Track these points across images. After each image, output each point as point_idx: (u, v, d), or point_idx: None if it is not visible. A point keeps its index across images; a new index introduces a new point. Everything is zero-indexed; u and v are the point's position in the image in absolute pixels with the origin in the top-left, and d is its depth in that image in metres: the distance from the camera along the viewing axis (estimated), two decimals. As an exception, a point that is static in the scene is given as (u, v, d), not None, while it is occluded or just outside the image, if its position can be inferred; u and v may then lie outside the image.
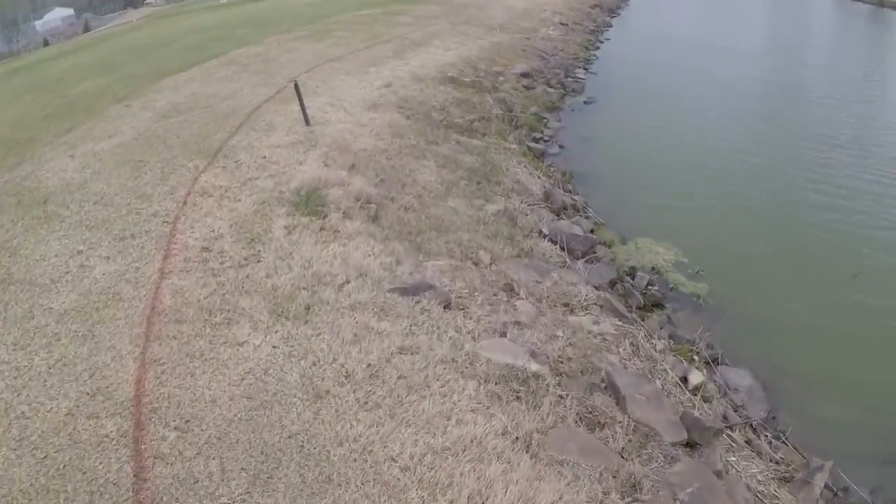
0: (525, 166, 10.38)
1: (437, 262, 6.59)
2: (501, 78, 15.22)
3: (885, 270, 9.04)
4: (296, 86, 9.41)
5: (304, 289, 5.62)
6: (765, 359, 6.98)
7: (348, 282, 5.82)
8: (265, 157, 8.33)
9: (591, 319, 6.35)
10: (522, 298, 6.33)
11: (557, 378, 5.11)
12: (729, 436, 5.49)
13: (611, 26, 27.00)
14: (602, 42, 23.34)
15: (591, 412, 4.87)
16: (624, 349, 6.06)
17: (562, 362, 5.44)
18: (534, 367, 5.03)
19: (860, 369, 7.03)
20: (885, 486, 5.49)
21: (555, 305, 6.49)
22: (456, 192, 8.40)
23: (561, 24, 23.48)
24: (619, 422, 4.86)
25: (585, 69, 18.82)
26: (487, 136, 11.28)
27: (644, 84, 17.93)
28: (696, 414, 5.46)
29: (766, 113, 16.73)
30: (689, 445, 5.02)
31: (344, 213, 7.13)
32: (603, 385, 5.26)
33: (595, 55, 20.92)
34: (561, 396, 4.92)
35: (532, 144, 11.90)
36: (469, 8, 23.48)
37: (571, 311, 6.48)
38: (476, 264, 6.75)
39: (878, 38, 35.80)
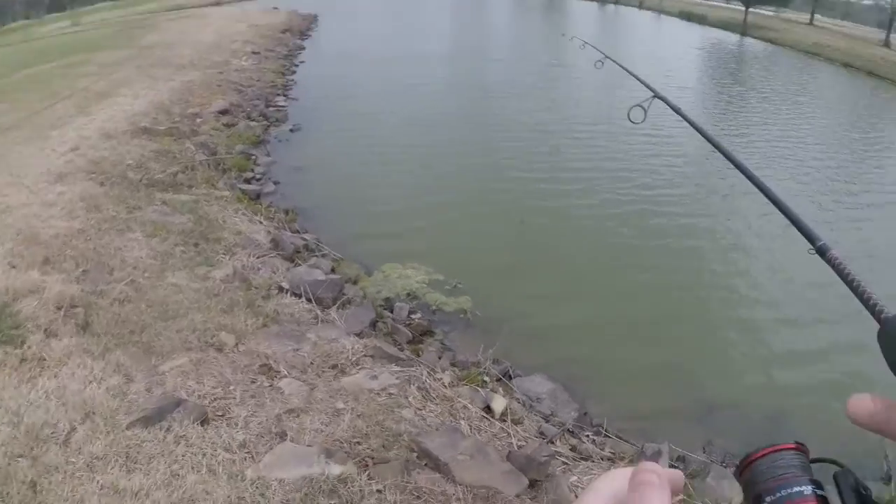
0: (243, 213, 9.03)
1: (174, 362, 5.08)
2: (199, 119, 13.52)
3: (634, 248, 9.60)
4: None
5: (21, 457, 3.85)
6: (552, 355, 6.79)
7: (74, 429, 4.12)
8: (-62, 274, 5.97)
9: (368, 375, 5.44)
10: (286, 376, 5.17)
11: (365, 471, 4.08)
12: (558, 453, 5.03)
13: (304, 48, 26.25)
14: (297, 66, 22.54)
15: (419, 497, 3.95)
16: (413, 397, 5.25)
17: (359, 443, 4.44)
18: (335, 469, 3.94)
19: (641, 336, 7.23)
20: (713, 440, 5.56)
21: (323, 372, 5.43)
22: (174, 264, 6.81)
23: (253, 52, 22.21)
24: (454, 495, 4.02)
25: (285, 96, 17.83)
26: (195, 187, 9.68)
27: (345, 102, 17.64)
28: (517, 444, 4.94)
29: (466, 112, 17.59)
30: (531, 486, 4.41)
31: (46, 330, 5.21)
32: (416, 456, 4.38)
33: (293, 80, 20.05)
34: (380, 491, 3.92)
35: (245, 186, 10.54)
36: (156, 49, 21.09)
37: (343, 373, 5.48)
38: (220, 350, 5.36)
39: (555, 22, 40.62)
